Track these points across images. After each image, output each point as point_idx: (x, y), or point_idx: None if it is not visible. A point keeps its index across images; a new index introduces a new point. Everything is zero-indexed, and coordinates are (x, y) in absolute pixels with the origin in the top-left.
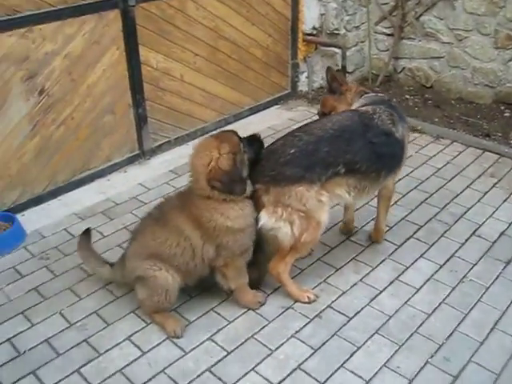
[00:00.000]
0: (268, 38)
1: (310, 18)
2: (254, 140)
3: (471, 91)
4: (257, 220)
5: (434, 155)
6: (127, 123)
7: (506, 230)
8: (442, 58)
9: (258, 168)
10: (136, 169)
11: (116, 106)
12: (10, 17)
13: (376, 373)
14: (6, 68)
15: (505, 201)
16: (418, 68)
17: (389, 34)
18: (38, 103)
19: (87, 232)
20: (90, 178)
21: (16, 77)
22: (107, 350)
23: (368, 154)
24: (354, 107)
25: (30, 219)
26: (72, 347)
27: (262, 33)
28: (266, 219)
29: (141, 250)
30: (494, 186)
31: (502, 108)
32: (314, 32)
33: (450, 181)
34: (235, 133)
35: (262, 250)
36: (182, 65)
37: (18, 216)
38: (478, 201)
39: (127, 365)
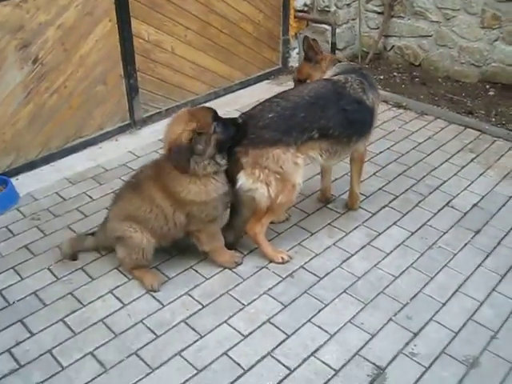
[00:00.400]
0: (259, 14)
1: None
2: (231, 124)
3: (458, 70)
4: (235, 181)
5: (417, 130)
6: (119, 93)
7: (478, 201)
8: (430, 36)
9: (239, 132)
10: (127, 138)
11: (108, 76)
12: None
13: (341, 328)
14: (1, 37)
15: (481, 175)
16: (406, 46)
17: (379, 13)
18: (31, 72)
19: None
20: (82, 146)
21: (11, 45)
22: (90, 302)
23: (340, 120)
24: (327, 75)
25: (23, 183)
26: (58, 299)
27: (254, 8)
28: (243, 180)
29: (120, 213)
30: (471, 161)
31: (487, 87)
32: (306, 9)
33: (429, 155)
34: (212, 112)
35: (238, 212)
36: (173, 38)
37: (12, 180)
38: (455, 174)
39: (109, 315)
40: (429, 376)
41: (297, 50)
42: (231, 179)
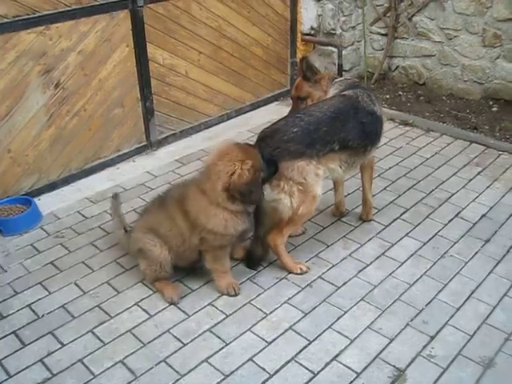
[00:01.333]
0: (268, 38)
1: (307, 18)
2: (271, 163)
3: (461, 87)
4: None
5: (424, 146)
6: (135, 116)
7: (487, 212)
8: (433, 56)
9: (263, 146)
10: (144, 159)
11: (125, 99)
12: (29, 16)
13: (360, 333)
14: (26, 62)
15: (488, 187)
16: (411, 66)
17: (383, 34)
18: (53, 96)
19: (116, 196)
20: (101, 167)
21: (34, 71)
22: (118, 314)
23: (358, 132)
24: (331, 93)
25: (45, 203)
26: (86, 311)
27: (263, 32)
28: (268, 191)
29: (144, 225)
30: (478, 174)
31: (491, 103)
32: (312, 32)
33: (437, 169)
34: (258, 150)
35: (262, 224)
36: (186, 62)
37: (35, 200)
38: (463, 187)
39: (136, 326)
40: (447, 376)
41: None
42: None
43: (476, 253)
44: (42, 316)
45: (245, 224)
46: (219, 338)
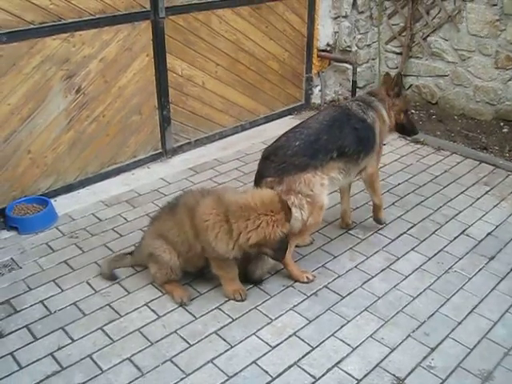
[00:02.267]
0: (285, 53)
1: (324, 35)
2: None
3: (473, 108)
4: None
5: (433, 164)
6: (152, 123)
7: (493, 230)
8: (446, 76)
9: (268, 163)
10: (158, 166)
11: (143, 107)
12: (55, 23)
13: (362, 342)
14: (49, 68)
15: (495, 206)
16: (424, 85)
17: (398, 53)
18: (74, 101)
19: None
20: (117, 172)
21: (57, 76)
22: (127, 313)
23: (353, 138)
24: None
25: (61, 204)
26: (96, 309)
27: (280, 47)
28: None
29: (154, 231)
30: (486, 193)
31: (501, 124)
32: (328, 48)
33: (445, 187)
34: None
35: None
36: (204, 73)
37: (51, 201)
38: (470, 205)
39: (145, 325)
40: None
41: (319, 88)
42: None
43: (480, 269)
44: (54, 312)
45: (241, 254)
46: (225, 340)
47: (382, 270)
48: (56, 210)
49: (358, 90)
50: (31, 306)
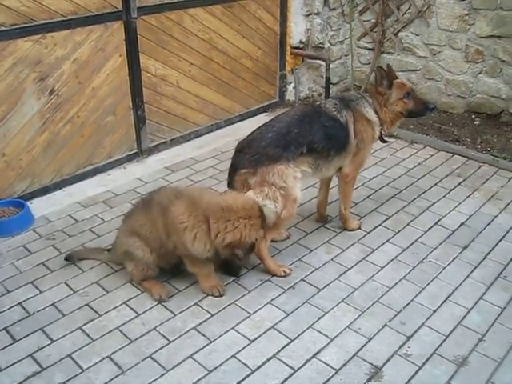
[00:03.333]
0: (258, 51)
1: (297, 32)
2: None
3: (445, 101)
4: None
5: (407, 157)
6: (127, 124)
7: (466, 220)
8: (418, 70)
9: (242, 155)
10: (134, 166)
11: (117, 107)
12: (26, 25)
13: (340, 332)
14: (22, 70)
15: (468, 197)
16: None
17: (370, 49)
18: (48, 102)
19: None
20: (93, 172)
21: (30, 78)
22: (106, 312)
23: (322, 135)
24: None
25: (37, 206)
26: (75, 310)
27: (253, 45)
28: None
29: (128, 228)
30: (459, 184)
31: (473, 117)
32: (301, 45)
33: (419, 179)
34: None
35: None
36: (178, 72)
37: (27, 203)
38: (444, 196)
39: (124, 323)
40: (422, 374)
41: (293, 85)
42: None
43: (454, 259)
44: (33, 313)
45: (214, 254)
46: (204, 335)
47: (358, 262)
48: (32, 212)
49: (331, 86)
50: (9, 308)
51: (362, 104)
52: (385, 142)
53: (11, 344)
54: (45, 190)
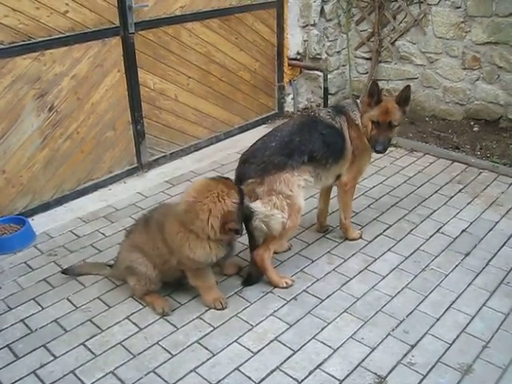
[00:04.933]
0: (255, 63)
1: (294, 44)
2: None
3: (443, 109)
4: (251, 211)
5: (407, 166)
6: (127, 138)
7: (467, 227)
8: (416, 78)
9: (248, 166)
10: (135, 180)
11: (117, 122)
12: (25, 42)
13: (343, 343)
14: (21, 87)
15: (469, 203)
16: (394, 89)
17: (367, 58)
18: (47, 119)
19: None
20: (93, 188)
21: (29, 95)
22: (109, 327)
23: (320, 143)
24: None
25: (39, 223)
26: (78, 325)
27: (250, 58)
28: (261, 208)
29: (131, 244)
30: (459, 191)
31: (472, 123)
32: (298, 57)
33: (419, 187)
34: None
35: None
36: (176, 86)
37: (29, 220)
38: (444, 204)
39: (126, 338)
40: (426, 383)
41: (291, 96)
42: None
43: (456, 266)
44: (35, 330)
45: (225, 250)
46: (207, 349)
47: (360, 272)
48: (34, 228)
49: (329, 96)
50: (12, 325)
51: (352, 109)
52: (378, 152)
53: (14, 361)
54: (46, 207)
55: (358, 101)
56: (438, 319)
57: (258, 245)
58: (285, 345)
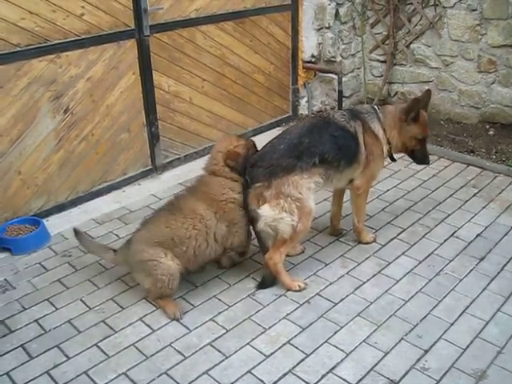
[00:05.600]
0: (270, 66)
1: (308, 46)
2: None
3: (458, 112)
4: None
5: (421, 169)
6: (141, 140)
7: (482, 232)
8: (431, 81)
9: (256, 169)
10: (149, 182)
11: (131, 124)
12: (41, 45)
13: (356, 347)
14: (37, 89)
15: (484, 208)
16: (409, 92)
17: (382, 61)
18: (63, 121)
19: (77, 232)
20: (108, 189)
21: (45, 97)
22: (122, 329)
23: (332, 145)
24: None
25: (53, 224)
26: (91, 326)
27: (265, 60)
28: (269, 212)
29: (150, 237)
30: (474, 195)
31: (487, 127)
32: (313, 59)
33: (434, 191)
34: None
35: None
36: (190, 88)
37: (43, 221)
38: (459, 208)
39: (139, 340)
40: None
41: (306, 99)
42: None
43: (471, 270)
44: (49, 330)
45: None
46: (219, 351)
47: (374, 276)
48: (48, 229)
49: (344, 99)
50: (26, 325)
51: (371, 118)
52: (394, 160)
53: (28, 361)
54: (60, 208)
55: (378, 110)
56: (451, 324)
57: (268, 248)
58: (297, 348)
